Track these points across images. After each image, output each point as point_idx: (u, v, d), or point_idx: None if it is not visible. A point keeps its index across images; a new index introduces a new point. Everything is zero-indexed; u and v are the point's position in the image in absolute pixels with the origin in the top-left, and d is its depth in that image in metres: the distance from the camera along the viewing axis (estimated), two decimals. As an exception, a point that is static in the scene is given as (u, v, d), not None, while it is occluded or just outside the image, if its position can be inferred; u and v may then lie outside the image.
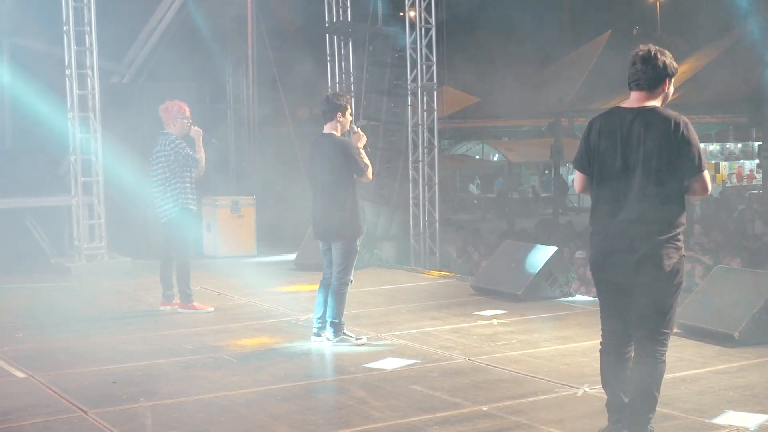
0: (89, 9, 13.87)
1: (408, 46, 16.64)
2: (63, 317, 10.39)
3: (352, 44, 17.92)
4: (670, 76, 5.45)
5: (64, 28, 13.84)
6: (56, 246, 14.86)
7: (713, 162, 39.38)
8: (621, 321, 5.52)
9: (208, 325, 9.81)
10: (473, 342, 8.76)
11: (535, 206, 35.31)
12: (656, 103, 5.41)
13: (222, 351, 8.52)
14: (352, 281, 8.79)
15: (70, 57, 13.88)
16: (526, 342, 8.70)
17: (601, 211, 5.47)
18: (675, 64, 5.47)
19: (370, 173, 8.69)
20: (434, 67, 16.70)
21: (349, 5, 17.67)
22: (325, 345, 8.63)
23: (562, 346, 8.53)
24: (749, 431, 5.98)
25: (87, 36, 13.95)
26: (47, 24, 14.87)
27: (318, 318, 8.78)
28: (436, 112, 17.21)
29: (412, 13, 16.71)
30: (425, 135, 17.06)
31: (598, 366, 7.61)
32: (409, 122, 16.96)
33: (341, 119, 8.61)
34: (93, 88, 14.03)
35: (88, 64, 13.99)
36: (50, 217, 14.89)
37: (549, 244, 11.87)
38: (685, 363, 7.78)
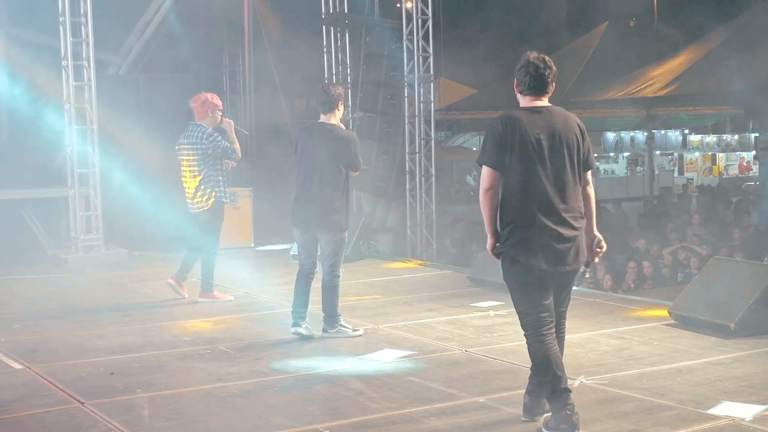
0: (85, 0, 13.83)
1: (404, 37, 16.62)
2: (60, 308, 10.40)
3: (349, 35, 17.89)
4: (555, 81, 5.96)
5: (60, 19, 13.80)
6: (53, 237, 14.85)
7: (710, 153, 39.41)
8: (548, 303, 5.91)
9: (205, 316, 9.81)
10: (470, 333, 8.77)
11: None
12: (547, 103, 5.91)
13: (219, 342, 8.52)
14: (343, 272, 8.77)
15: (66, 48, 13.85)
16: (522, 333, 8.68)
17: (524, 205, 5.73)
18: (555, 69, 5.96)
19: (360, 170, 8.77)
20: (431, 58, 16.69)
21: (345, -4, 17.64)
22: (322, 336, 8.63)
23: (558, 338, 8.52)
24: (745, 422, 5.99)
25: (83, 27, 13.92)
26: (43, 15, 14.84)
27: (297, 311, 8.61)
28: (432, 104, 17.19)
29: (408, 5, 16.69)
30: (422, 126, 17.06)
31: (595, 357, 7.64)
32: (406, 114, 16.95)
33: (341, 108, 8.59)
34: (89, 80, 13.99)
35: (84, 55, 13.96)
36: (47, 208, 14.89)
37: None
38: (681, 354, 7.80)
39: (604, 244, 6.01)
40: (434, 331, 8.85)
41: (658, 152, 36.68)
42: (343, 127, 8.68)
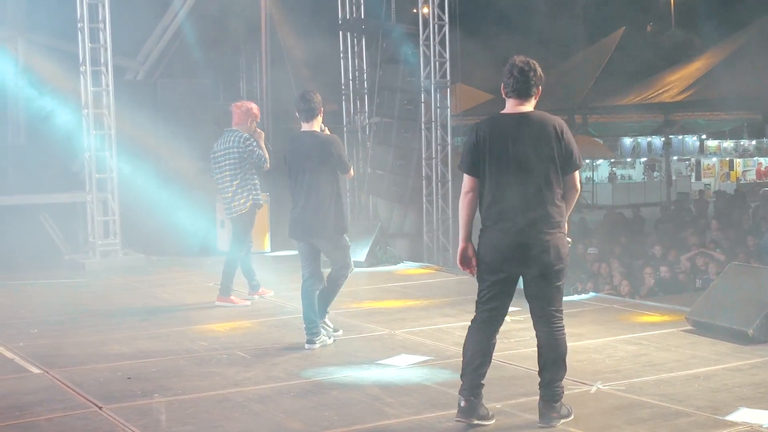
0: (103, 6, 13.91)
1: (421, 42, 16.62)
2: (77, 313, 10.44)
3: (365, 41, 17.91)
4: (541, 84, 6.05)
5: (79, 25, 13.89)
6: (70, 242, 14.92)
7: (727, 159, 39.27)
8: (506, 307, 6.18)
9: (221, 321, 9.83)
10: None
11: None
12: (530, 108, 5.98)
13: (236, 347, 8.54)
14: (352, 269, 8.78)
15: (84, 54, 13.93)
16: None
17: (492, 208, 5.94)
18: (542, 74, 6.06)
19: (352, 171, 8.78)
20: (447, 63, 16.70)
21: (362, 2, 17.67)
22: (339, 342, 8.65)
23: (575, 343, 8.49)
24: (763, 428, 5.96)
25: (101, 33, 14.00)
26: (61, 21, 14.92)
27: (308, 326, 8.53)
28: (449, 109, 17.20)
29: (425, 10, 16.70)
30: (438, 132, 17.06)
31: (612, 363, 7.62)
32: (422, 119, 16.96)
33: (320, 117, 8.57)
34: (107, 85, 14.08)
35: (102, 61, 14.04)
36: (64, 213, 14.96)
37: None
38: (699, 360, 7.77)
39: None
40: (451, 336, 8.83)
41: (675, 157, 36.59)
42: (326, 131, 8.67)
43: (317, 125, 8.59)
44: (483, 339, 6.14)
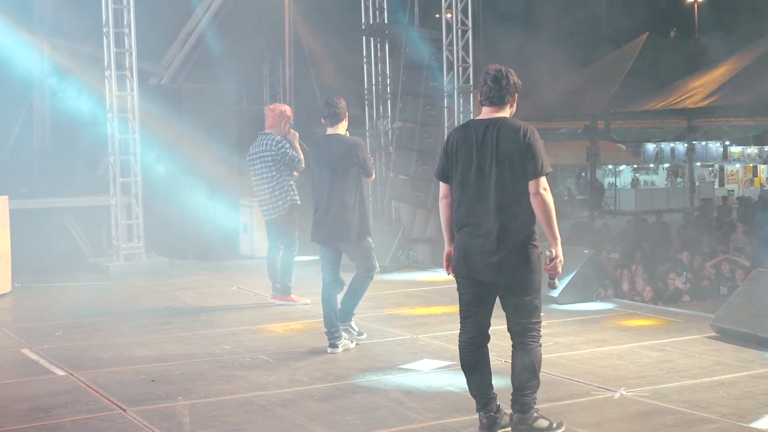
0: (128, 11, 14.00)
1: (444, 48, 16.63)
2: (101, 316, 10.50)
3: (389, 46, 17.94)
4: (516, 92, 6.03)
5: (104, 29, 13.98)
6: (95, 245, 15.02)
7: (751, 165, 39.05)
8: (484, 314, 6.07)
9: (245, 324, 9.87)
10: (508, 344, 8.62)
11: (571, 209, 35.14)
12: (505, 114, 5.97)
13: (259, 351, 8.57)
14: (378, 270, 8.79)
15: (109, 58, 14.01)
16: (562, 344, 8.68)
17: (458, 214, 5.99)
18: (519, 82, 6.04)
19: (374, 175, 8.79)
20: (470, 69, 16.68)
21: (385, 7, 17.70)
22: (361, 345, 8.67)
23: (598, 349, 8.50)
24: (788, 436, 5.94)
25: (126, 38, 14.09)
26: (87, 26, 15.02)
27: (329, 331, 8.55)
28: (472, 114, 17.17)
29: (448, 15, 16.69)
30: (461, 137, 17.01)
31: (636, 369, 7.59)
32: (445, 124, 16.95)
33: (345, 121, 8.66)
34: (132, 90, 14.16)
35: (127, 65, 14.13)
36: (89, 216, 15.05)
37: (584, 247, 11.83)
38: (723, 367, 7.74)
39: (556, 261, 5.88)
40: (473, 341, 8.81)
41: (698, 163, 36.44)
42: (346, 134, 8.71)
43: (341, 130, 8.64)
44: (471, 351, 6.09)
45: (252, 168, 10.64)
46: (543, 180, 5.83)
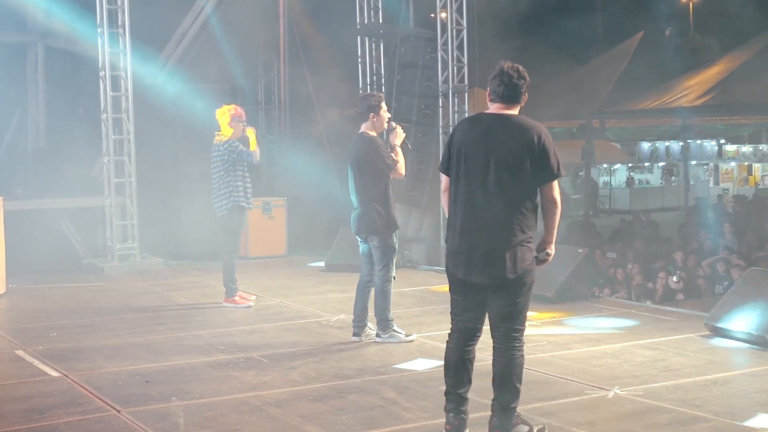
0: (123, 12, 14.00)
1: (439, 47, 16.62)
2: (96, 317, 10.49)
3: (384, 46, 17.92)
4: (527, 92, 5.93)
5: (98, 30, 13.96)
6: (89, 246, 14.99)
7: (746, 163, 39.09)
8: (474, 315, 5.85)
9: (239, 325, 9.87)
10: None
11: (566, 208, 35.08)
12: (515, 112, 5.87)
13: (253, 351, 8.57)
14: (395, 278, 8.86)
15: (104, 59, 14.00)
16: (556, 344, 8.69)
17: (454, 211, 5.86)
18: (529, 79, 5.93)
19: (401, 169, 8.78)
20: (465, 68, 16.68)
21: (380, 7, 17.68)
22: (356, 345, 8.69)
23: (592, 348, 8.52)
24: (781, 434, 5.95)
25: (121, 38, 14.08)
26: (81, 26, 15.01)
27: (354, 319, 8.94)
28: (467, 114, 17.17)
29: (443, 15, 16.68)
30: (456, 136, 17.01)
31: (630, 368, 7.61)
32: (440, 124, 16.94)
33: (375, 119, 8.75)
34: (126, 90, 14.15)
35: (121, 66, 14.11)
36: (83, 217, 15.03)
37: (580, 246, 11.85)
38: (717, 365, 7.75)
39: (549, 259, 5.87)
40: (468, 341, 8.82)
41: (693, 162, 36.45)
42: (370, 133, 8.76)
43: (369, 127, 8.82)
44: (457, 349, 5.92)
45: (211, 167, 10.86)
46: (557, 183, 5.78)
